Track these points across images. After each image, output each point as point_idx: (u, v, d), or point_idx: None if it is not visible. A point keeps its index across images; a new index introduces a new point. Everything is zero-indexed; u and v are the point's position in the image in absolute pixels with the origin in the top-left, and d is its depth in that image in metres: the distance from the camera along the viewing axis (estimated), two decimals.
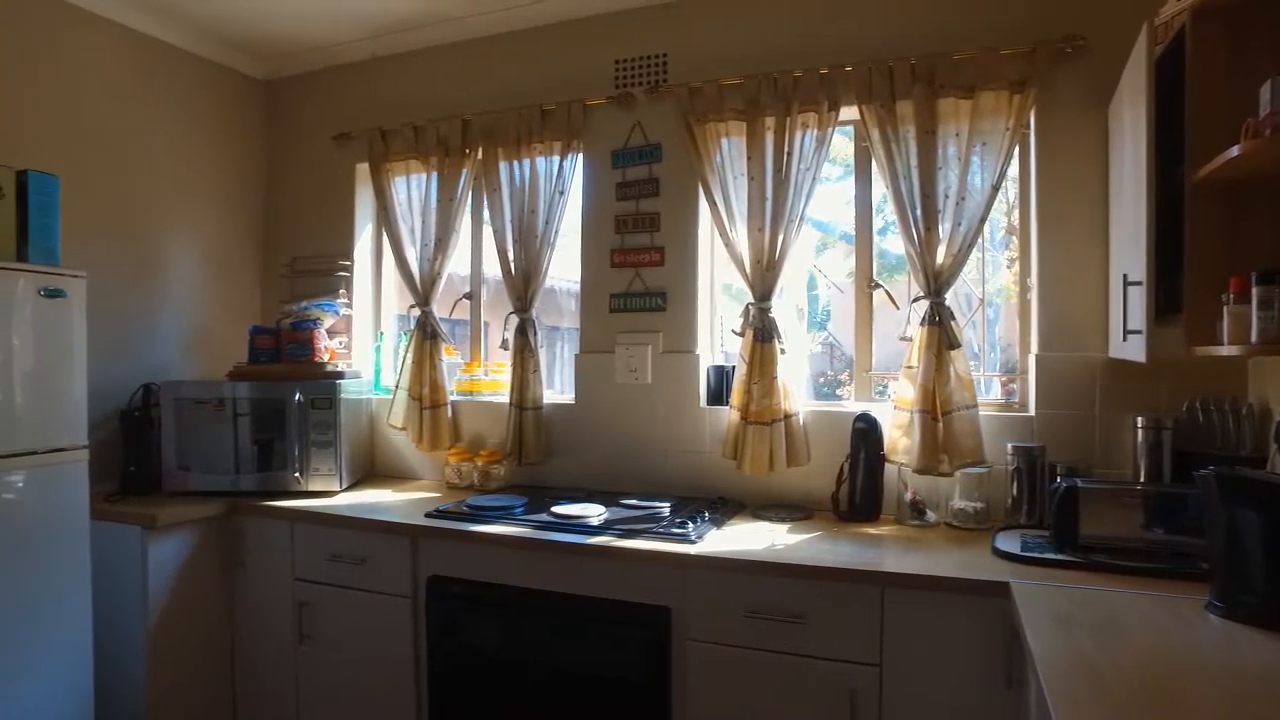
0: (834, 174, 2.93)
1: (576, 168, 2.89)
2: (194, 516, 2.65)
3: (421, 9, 3.01)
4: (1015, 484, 2.29)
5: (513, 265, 2.90)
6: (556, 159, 2.87)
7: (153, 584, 2.54)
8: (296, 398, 2.79)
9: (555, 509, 2.43)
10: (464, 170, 3.03)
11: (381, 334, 3.38)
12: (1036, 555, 1.92)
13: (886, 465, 2.46)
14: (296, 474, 2.80)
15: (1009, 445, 2.32)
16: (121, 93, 2.99)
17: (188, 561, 2.65)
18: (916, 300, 2.46)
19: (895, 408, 2.46)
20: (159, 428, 2.83)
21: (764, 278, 2.56)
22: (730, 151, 2.64)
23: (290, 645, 2.66)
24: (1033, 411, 2.40)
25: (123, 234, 2.98)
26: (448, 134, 3.04)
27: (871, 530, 2.34)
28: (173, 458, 2.81)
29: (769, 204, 2.56)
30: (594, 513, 2.37)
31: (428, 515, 2.48)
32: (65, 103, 2.81)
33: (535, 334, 2.90)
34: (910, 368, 2.42)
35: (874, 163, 2.54)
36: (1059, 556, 1.90)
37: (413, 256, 3.09)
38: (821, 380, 3.16)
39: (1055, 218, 2.37)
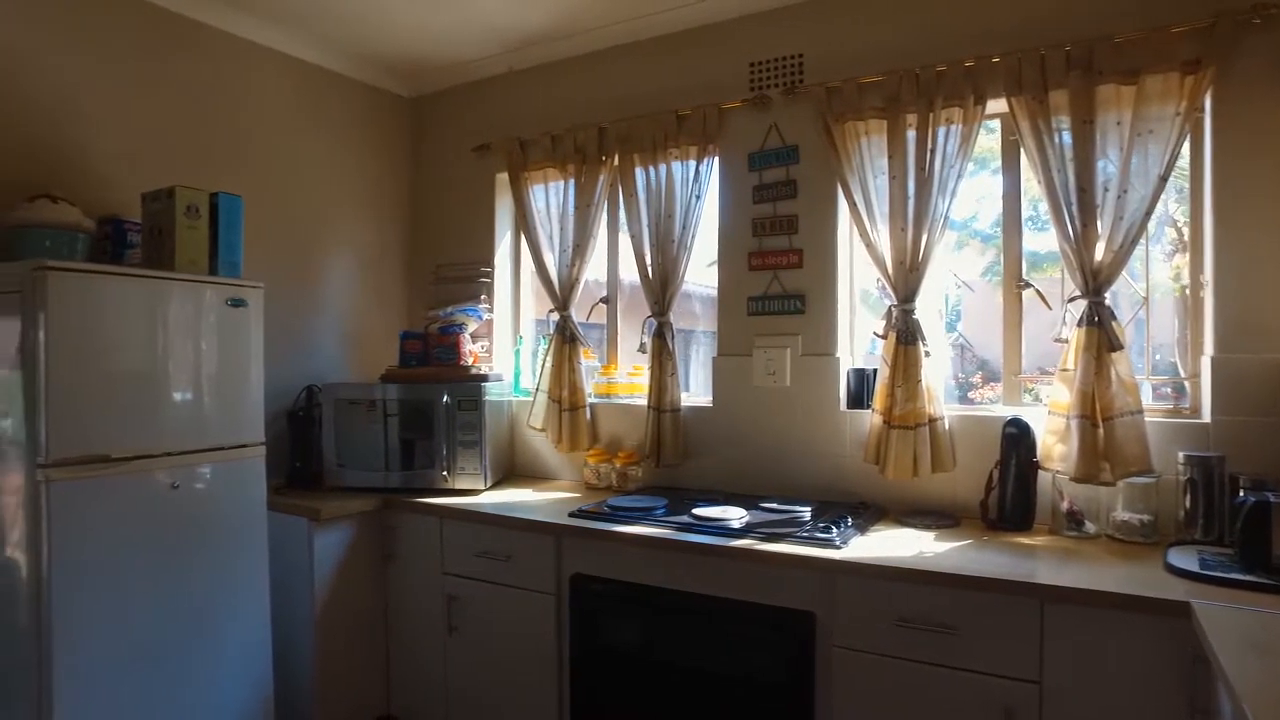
0: (968, 169, 2.82)
1: (712, 172, 2.90)
2: (352, 511, 2.83)
3: (556, 23, 3.10)
4: (1188, 496, 2.13)
5: (650, 269, 2.95)
6: (693, 163, 2.89)
7: (318, 572, 2.72)
8: (444, 399, 2.93)
9: (696, 511, 2.45)
10: (600, 177, 3.10)
11: (521, 338, 3.50)
12: (1220, 575, 1.78)
13: (1039, 472, 2.35)
14: (444, 472, 2.93)
15: (1180, 454, 2.17)
16: (287, 116, 3.24)
17: (347, 552, 2.82)
18: (1073, 299, 2.33)
19: (1050, 412, 2.34)
20: (320, 427, 3.04)
21: (907, 279, 2.50)
22: (870, 150, 2.58)
23: (440, 635, 2.79)
24: (1207, 418, 2.23)
25: (287, 247, 3.22)
26: (585, 142, 3.12)
27: (1024, 540, 2.24)
28: (332, 455, 3.01)
29: (911, 203, 2.49)
30: (734, 515, 2.38)
31: (570, 515, 2.55)
32: (240, 128, 3.06)
33: (672, 337, 2.93)
34: (1066, 370, 2.30)
35: (1023, 156, 2.43)
36: (1248, 578, 1.75)
37: (551, 262, 3.19)
38: (953, 383, 3.05)
39: (1236, 208, 2.19)
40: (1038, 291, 2.55)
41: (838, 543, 2.12)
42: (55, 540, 1.98)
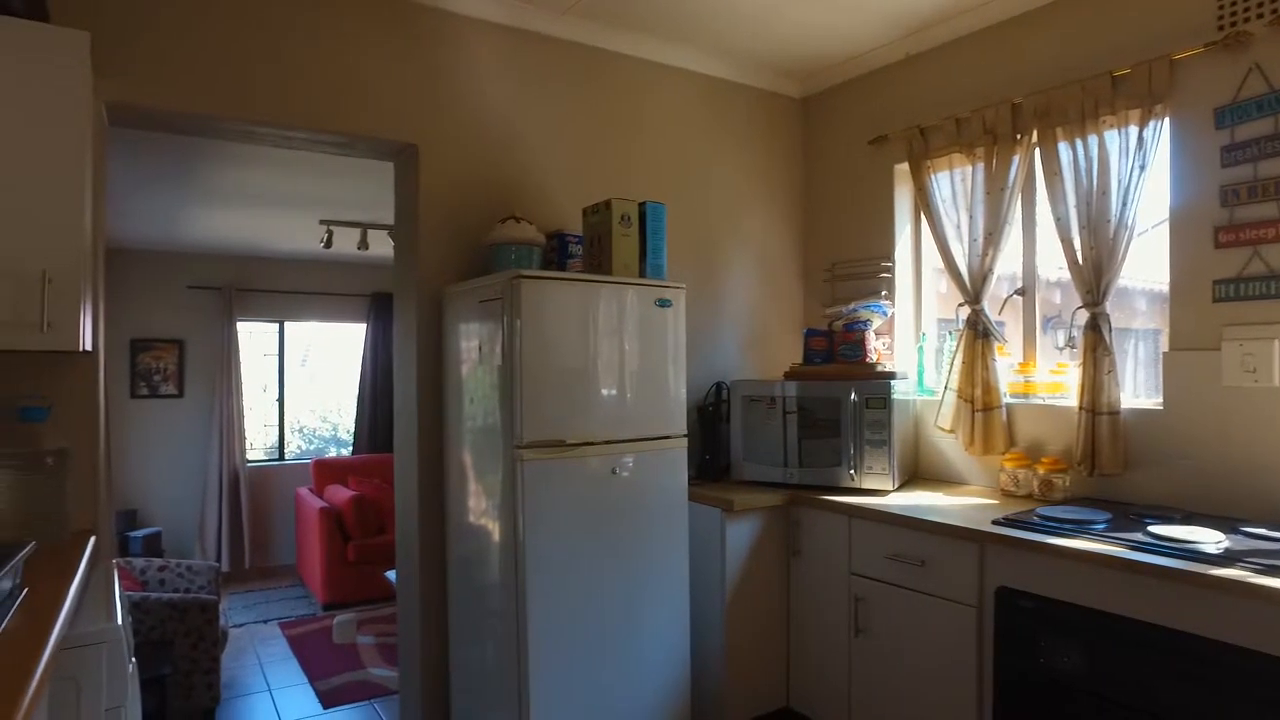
0: None
1: (1160, 136, 2.48)
2: (761, 504, 2.92)
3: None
4: None
5: (1079, 255, 2.62)
6: (1132, 129, 2.51)
7: (729, 561, 2.86)
8: (852, 397, 2.90)
9: (1152, 529, 2.11)
10: (1014, 157, 2.83)
11: (924, 335, 3.35)
12: None
13: None
14: (850, 471, 2.90)
15: None
16: (689, 127, 3.47)
17: (754, 545, 2.93)
18: None
19: None
20: (728, 422, 3.20)
21: None
22: None
23: (844, 636, 2.77)
24: None
25: (695, 250, 3.44)
26: (995, 122, 2.88)
27: None
28: (739, 449, 3.15)
29: None
30: (1207, 539, 2.00)
31: (995, 523, 2.35)
32: (650, 142, 3.34)
33: (1109, 330, 2.57)
34: None
35: None
36: None
37: (959, 253, 2.99)
38: None
39: None
40: None
41: None
42: (527, 509, 2.34)
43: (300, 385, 6.84)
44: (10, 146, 1.82)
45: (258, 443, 6.57)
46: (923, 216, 3.22)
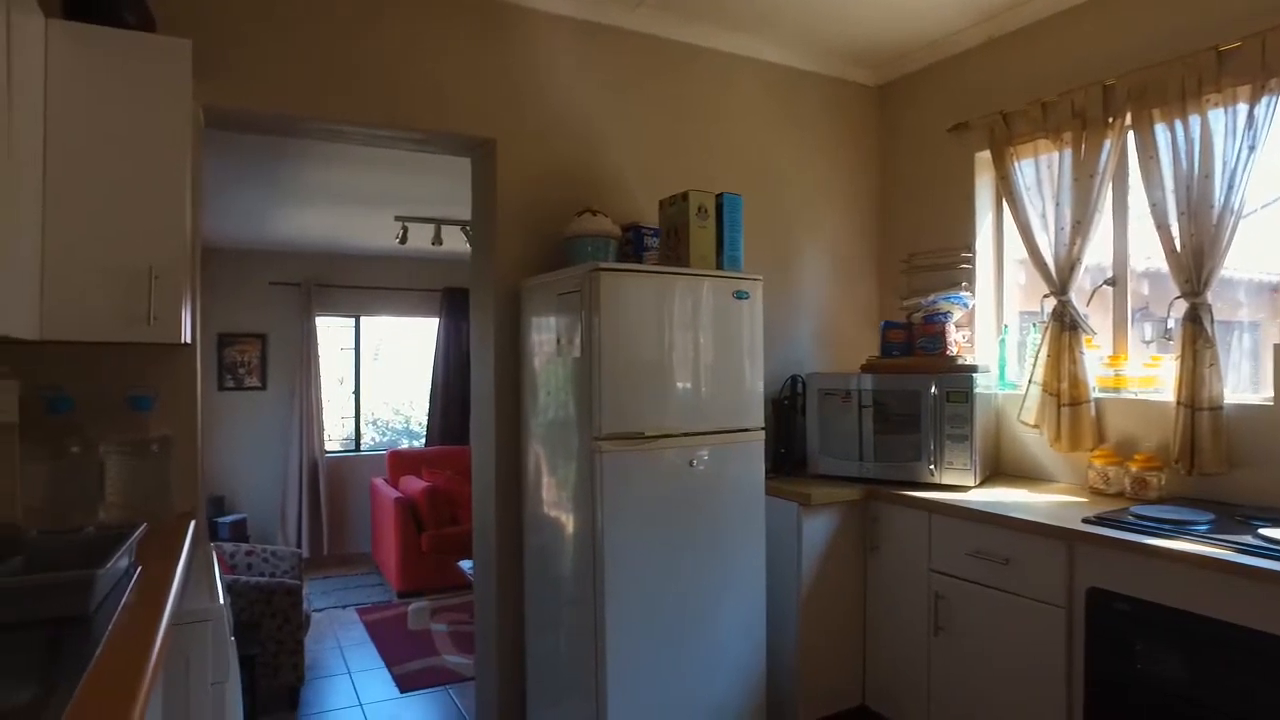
0: None
1: (1274, 114, 2.35)
2: (838, 499, 2.88)
3: None
4: None
5: (1178, 242, 2.50)
6: (1241, 108, 2.38)
7: (805, 556, 2.83)
8: (932, 390, 2.83)
9: (1263, 531, 2.00)
10: (1105, 142, 2.72)
11: (1006, 327, 3.25)
12: None
13: None
14: (930, 466, 2.84)
15: None
16: (763, 118, 3.43)
17: (831, 540, 2.89)
18: None
19: None
20: (803, 415, 3.16)
21: None
22: None
23: (923, 634, 2.71)
24: None
25: (768, 242, 3.41)
26: (1085, 104, 2.77)
27: None
28: (815, 443, 3.11)
29: None
30: None
31: (1085, 521, 2.27)
32: (723, 133, 3.32)
33: (1211, 321, 2.45)
34: None
35: None
36: None
37: (1045, 243, 2.89)
38: None
39: None
40: None
41: None
42: (606, 500, 2.35)
43: (374, 378, 7.03)
44: (122, 149, 1.92)
45: (334, 434, 6.77)
46: (1005, 205, 3.12)
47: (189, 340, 2.17)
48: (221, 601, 1.78)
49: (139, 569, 1.66)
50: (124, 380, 2.24)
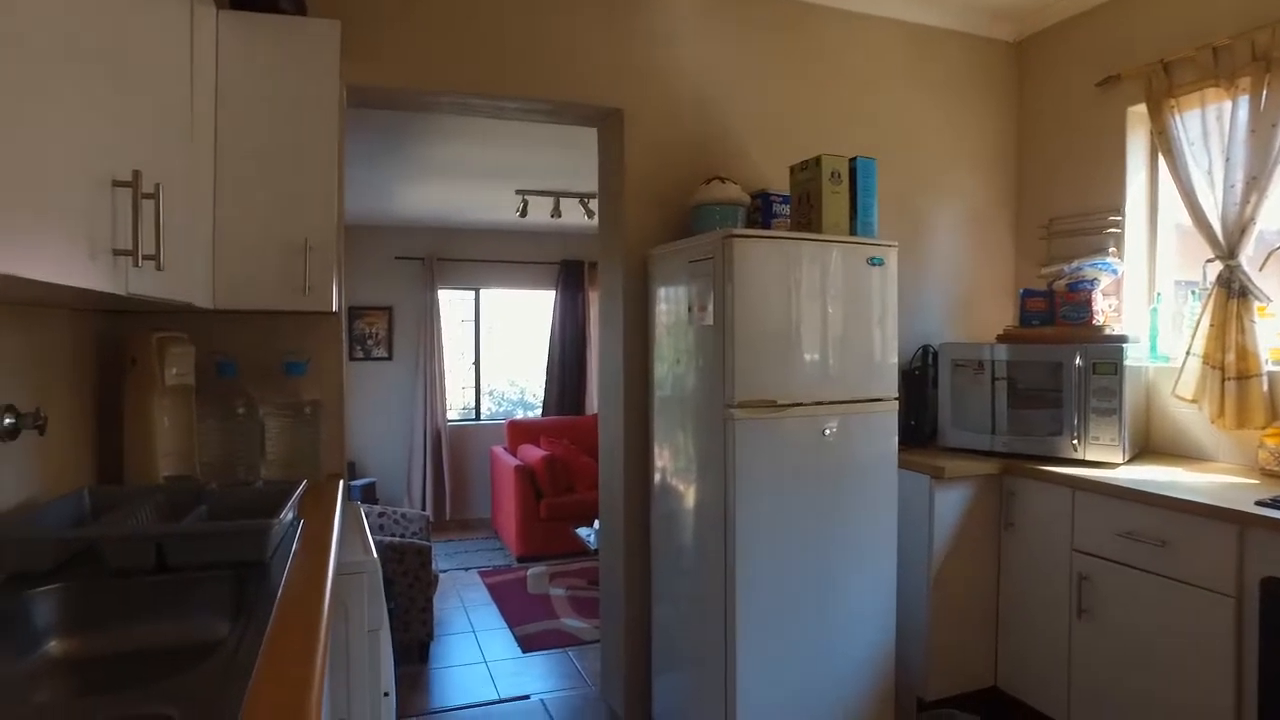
0: None
1: None
2: (972, 472, 2.78)
3: None
4: None
5: None
6: None
7: (936, 530, 2.75)
8: (1077, 361, 2.67)
9: None
10: None
11: (1159, 295, 3.03)
12: None
13: None
14: (1073, 440, 2.69)
15: None
16: (895, 78, 3.30)
17: (964, 514, 2.79)
18: None
19: None
20: (934, 386, 3.05)
21: None
22: None
23: (1064, 616, 2.59)
24: None
25: (899, 208, 3.27)
26: (1268, 46, 2.52)
27: None
28: (948, 414, 3.00)
29: None
30: None
31: (1259, 504, 2.10)
32: (852, 96, 3.21)
33: None
34: None
35: None
36: None
37: (1210, 203, 2.67)
38: None
39: None
40: None
41: None
42: (739, 469, 2.34)
43: (491, 349, 7.23)
44: (280, 128, 2.02)
45: (455, 403, 7.02)
46: (1162, 163, 2.90)
47: (336, 309, 2.28)
48: (375, 555, 1.88)
49: (301, 522, 1.76)
50: (278, 347, 2.37)
